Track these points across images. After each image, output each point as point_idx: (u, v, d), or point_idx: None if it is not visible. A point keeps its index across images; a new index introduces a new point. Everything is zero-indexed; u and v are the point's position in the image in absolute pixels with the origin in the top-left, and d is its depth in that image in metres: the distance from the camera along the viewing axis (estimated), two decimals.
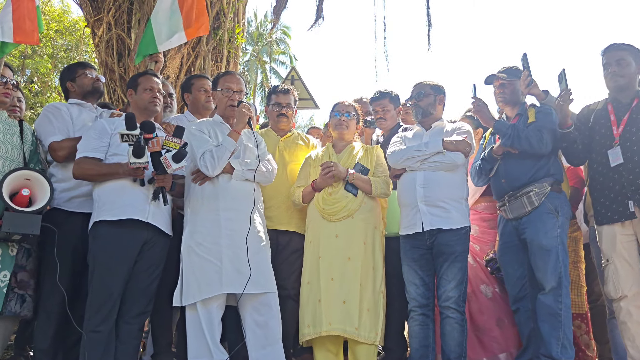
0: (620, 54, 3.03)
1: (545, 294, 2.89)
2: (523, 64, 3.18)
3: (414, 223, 3.05)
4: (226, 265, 2.78)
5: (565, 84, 2.98)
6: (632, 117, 2.99)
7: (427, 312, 3.05)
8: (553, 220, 2.95)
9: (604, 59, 3.09)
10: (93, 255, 2.71)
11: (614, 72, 3.03)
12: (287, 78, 7.69)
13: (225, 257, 2.79)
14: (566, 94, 2.95)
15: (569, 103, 2.97)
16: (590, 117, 3.15)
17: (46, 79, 12.83)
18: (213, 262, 2.79)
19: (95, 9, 5.75)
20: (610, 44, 3.10)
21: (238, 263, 2.79)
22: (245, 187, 2.94)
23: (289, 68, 25.24)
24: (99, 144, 2.81)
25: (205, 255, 2.80)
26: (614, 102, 3.09)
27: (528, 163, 3.04)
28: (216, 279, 2.76)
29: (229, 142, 2.89)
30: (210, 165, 2.83)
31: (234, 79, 3.13)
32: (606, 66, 3.07)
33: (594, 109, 3.18)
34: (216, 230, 2.84)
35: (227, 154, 2.87)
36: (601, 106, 3.16)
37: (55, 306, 2.84)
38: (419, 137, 3.23)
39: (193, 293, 2.76)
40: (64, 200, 2.98)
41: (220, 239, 2.82)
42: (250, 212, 2.87)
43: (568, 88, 2.96)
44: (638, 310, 2.92)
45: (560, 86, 3.02)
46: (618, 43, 3.09)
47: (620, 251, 2.95)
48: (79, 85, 3.22)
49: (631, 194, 2.90)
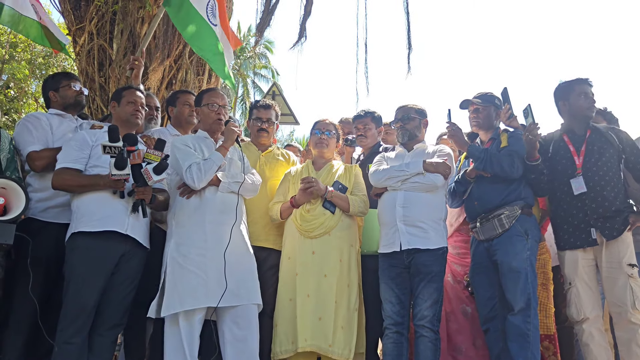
0: (590, 88, 3.22)
1: (514, 314, 2.96)
2: (504, 98, 3.31)
3: (393, 242, 3.10)
4: (211, 277, 2.78)
5: (532, 118, 3.10)
6: (589, 148, 3.16)
7: (401, 330, 3.08)
8: (523, 243, 3.03)
9: (577, 88, 3.24)
10: (70, 266, 2.69)
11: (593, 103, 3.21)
12: (268, 93, 7.73)
13: (210, 269, 2.79)
14: (534, 129, 3.07)
15: (537, 137, 3.09)
16: (549, 148, 3.29)
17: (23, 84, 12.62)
18: (198, 274, 2.78)
19: (77, 17, 5.73)
20: (579, 78, 3.27)
21: (223, 276, 2.77)
22: (231, 200, 2.95)
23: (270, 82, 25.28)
24: (80, 155, 2.81)
25: (190, 267, 2.79)
26: (569, 133, 3.24)
27: (500, 186, 3.14)
28: (201, 291, 2.75)
29: (218, 157, 2.92)
30: (196, 177, 2.85)
31: (218, 94, 3.17)
32: (584, 96, 3.22)
33: (550, 139, 3.33)
34: (202, 242, 2.84)
35: (215, 168, 2.90)
36: (557, 137, 3.30)
37: (26, 317, 2.80)
38: (401, 157, 3.30)
39: (174, 304, 2.73)
40: (40, 210, 2.96)
41: (206, 251, 2.83)
42: (232, 226, 2.88)
43: (535, 122, 3.08)
44: (599, 333, 3.05)
45: (526, 121, 3.14)
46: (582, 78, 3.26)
47: (582, 275, 3.09)
48: (62, 97, 3.22)
49: (593, 221, 3.05)
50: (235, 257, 2.86)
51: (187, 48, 5.63)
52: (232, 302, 2.79)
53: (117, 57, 5.62)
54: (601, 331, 3.07)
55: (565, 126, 3.31)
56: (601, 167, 3.09)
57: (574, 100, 3.24)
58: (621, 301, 2.94)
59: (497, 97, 3.35)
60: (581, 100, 3.22)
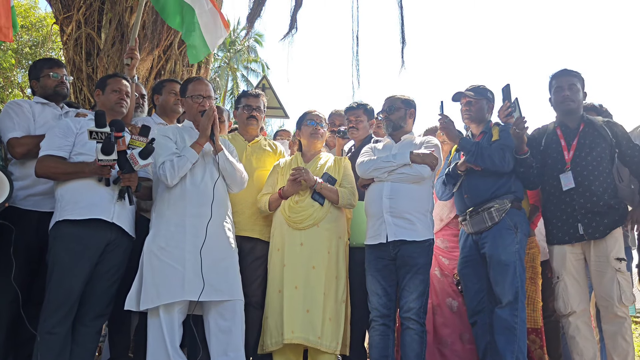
0: (572, 80, 3.19)
1: (502, 307, 2.97)
2: (505, 94, 3.29)
3: (379, 233, 3.09)
4: (189, 271, 2.74)
5: (520, 112, 3.11)
6: (580, 142, 3.13)
7: (388, 322, 3.07)
8: (512, 236, 3.04)
9: (554, 82, 3.24)
10: (54, 255, 2.65)
11: (567, 96, 3.17)
12: (257, 86, 7.69)
13: (188, 262, 2.75)
14: (521, 122, 3.06)
15: (524, 131, 3.08)
16: (541, 141, 3.28)
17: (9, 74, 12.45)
18: (175, 267, 2.74)
19: (65, 6, 5.64)
20: (561, 69, 3.26)
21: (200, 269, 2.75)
22: (212, 192, 2.90)
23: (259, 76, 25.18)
24: (64, 143, 2.77)
25: (167, 260, 2.75)
26: (562, 127, 3.23)
27: (490, 180, 3.13)
28: (178, 284, 2.72)
29: (192, 154, 2.87)
30: (169, 175, 2.82)
31: (203, 85, 3.13)
32: (558, 90, 3.21)
33: (543, 132, 3.32)
34: (180, 234, 2.80)
35: (188, 165, 2.86)
36: (551, 130, 3.29)
37: (7, 305, 2.77)
38: (388, 149, 3.28)
39: (151, 298, 2.71)
40: (20, 199, 2.92)
41: (184, 244, 2.79)
42: (207, 222, 2.81)
43: (522, 116, 3.08)
44: (585, 326, 3.07)
45: (514, 114, 3.14)
46: (569, 69, 3.24)
47: (570, 269, 3.10)
48: (42, 86, 3.17)
49: (581, 217, 3.04)
50: (217, 251, 2.83)
51: (176, 39, 5.57)
52: (213, 296, 2.76)
53: (105, 46, 5.55)
54: (588, 324, 3.09)
55: (558, 119, 3.30)
56: (591, 162, 3.08)
57: (553, 94, 3.25)
58: (608, 295, 2.95)
59: (489, 90, 3.33)
60: (556, 94, 3.22)
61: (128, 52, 3.74)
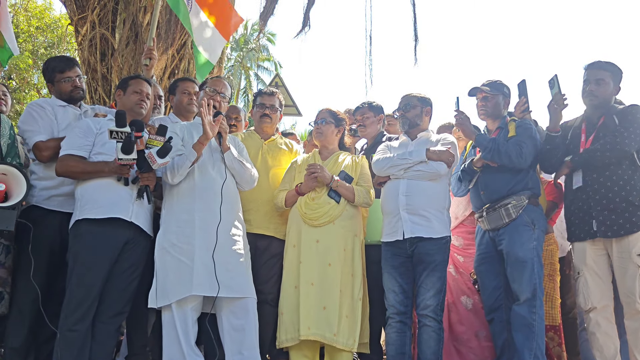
0: (600, 74, 3.09)
1: (519, 304, 2.95)
2: (521, 90, 3.26)
3: (396, 230, 3.08)
4: (197, 265, 2.74)
5: (559, 88, 3.04)
6: (598, 135, 3.06)
7: (404, 319, 3.07)
8: (529, 233, 3.01)
9: (585, 74, 3.15)
10: (74, 254, 2.67)
11: (591, 91, 3.10)
12: (270, 84, 7.72)
13: (197, 258, 2.76)
14: (560, 99, 3.01)
15: (562, 107, 3.03)
16: (567, 135, 3.23)
17: (25, 75, 12.61)
18: (185, 263, 2.75)
19: (79, 7, 5.71)
20: (594, 61, 3.15)
21: (211, 265, 2.75)
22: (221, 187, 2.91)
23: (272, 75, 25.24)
24: (84, 142, 2.79)
25: (178, 255, 2.77)
26: (587, 120, 3.17)
27: (507, 176, 3.10)
28: (187, 280, 2.73)
29: (192, 153, 2.87)
30: (169, 173, 2.84)
31: (221, 83, 3.19)
32: (585, 82, 3.13)
33: (571, 125, 3.26)
34: (190, 230, 2.81)
35: (188, 163, 2.85)
36: (577, 123, 3.23)
37: (29, 304, 2.80)
38: (405, 146, 3.27)
39: (167, 294, 2.73)
40: (44, 198, 2.94)
41: (194, 239, 2.79)
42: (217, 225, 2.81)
43: (562, 93, 3.02)
44: (606, 322, 3.01)
45: (552, 91, 3.07)
46: (602, 61, 3.13)
47: (591, 265, 3.04)
48: (57, 91, 3.17)
49: (596, 214, 2.98)
50: (227, 251, 2.83)
51: (189, 38, 5.60)
52: (223, 292, 2.75)
53: (119, 46, 5.60)
54: (609, 320, 3.02)
55: (585, 113, 3.23)
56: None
57: (582, 86, 3.16)
58: (630, 291, 2.90)
59: (506, 85, 3.30)
60: (583, 86, 3.13)
61: (146, 53, 3.75)
